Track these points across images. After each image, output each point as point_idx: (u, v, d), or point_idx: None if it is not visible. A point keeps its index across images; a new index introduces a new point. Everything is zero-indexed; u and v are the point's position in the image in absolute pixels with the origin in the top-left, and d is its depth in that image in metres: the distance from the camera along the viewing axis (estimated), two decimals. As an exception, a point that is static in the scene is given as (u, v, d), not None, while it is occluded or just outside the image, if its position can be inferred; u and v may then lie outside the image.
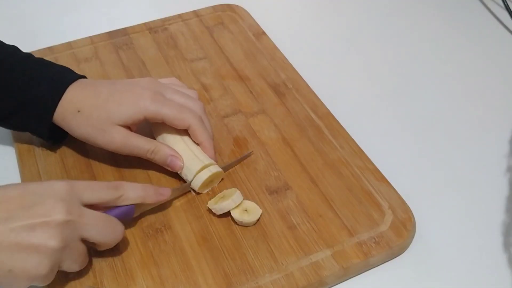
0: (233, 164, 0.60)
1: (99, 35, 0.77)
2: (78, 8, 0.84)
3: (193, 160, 0.57)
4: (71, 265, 0.48)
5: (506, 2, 0.82)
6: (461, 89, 0.73)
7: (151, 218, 0.55)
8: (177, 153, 0.57)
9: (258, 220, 0.55)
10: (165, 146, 0.57)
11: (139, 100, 0.56)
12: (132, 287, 0.50)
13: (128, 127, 0.57)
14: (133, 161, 0.60)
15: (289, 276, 0.51)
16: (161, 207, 0.56)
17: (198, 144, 0.59)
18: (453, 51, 0.79)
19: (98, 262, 0.52)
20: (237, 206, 0.54)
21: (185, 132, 0.58)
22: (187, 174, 0.57)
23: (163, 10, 0.82)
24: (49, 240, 0.44)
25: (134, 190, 0.52)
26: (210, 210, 0.55)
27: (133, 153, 0.57)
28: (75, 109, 0.56)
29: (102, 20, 0.81)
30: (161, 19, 0.80)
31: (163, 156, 0.57)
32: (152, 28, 0.78)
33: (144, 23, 0.79)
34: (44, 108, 0.57)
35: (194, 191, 0.57)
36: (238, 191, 0.55)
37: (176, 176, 0.59)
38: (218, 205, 0.54)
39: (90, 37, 0.76)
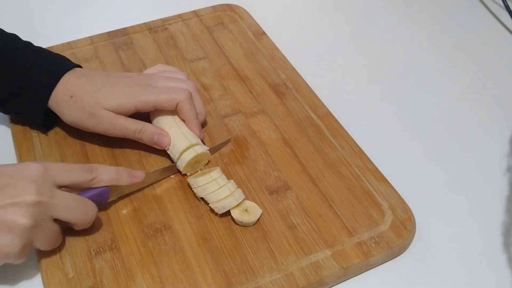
0: (217, 148, 0.62)
1: (99, 35, 0.77)
2: (78, 8, 0.84)
3: (181, 139, 0.58)
4: (43, 244, 0.50)
5: (506, 2, 0.82)
6: (461, 89, 0.73)
7: (151, 218, 0.55)
8: (164, 131, 0.59)
9: (258, 220, 0.55)
10: (152, 125, 0.59)
11: (129, 91, 0.58)
12: (132, 287, 0.50)
13: None
14: (133, 161, 0.60)
15: (289, 276, 0.51)
16: (160, 205, 0.56)
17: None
18: (453, 51, 0.79)
19: (98, 262, 0.52)
20: (237, 206, 0.54)
21: (178, 113, 0.60)
22: (173, 152, 0.58)
23: (163, 10, 0.82)
24: (20, 219, 0.46)
25: (107, 173, 0.54)
26: (211, 210, 0.55)
27: (121, 134, 0.59)
28: (69, 95, 0.58)
29: (102, 20, 0.81)
30: (161, 19, 0.80)
31: (150, 134, 0.59)
32: (152, 28, 0.78)
33: (144, 23, 0.79)
34: (40, 93, 0.59)
35: (181, 172, 0.59)
36: (218, 168, 0.57)
37: (177, 179, 0.59)
38: (220, 203, 0.54)
39: (90, 37, 0.76)
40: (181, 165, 0.58)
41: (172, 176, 0.59)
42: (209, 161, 0.60)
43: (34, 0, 0.85)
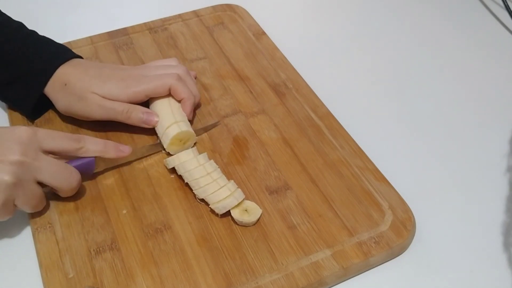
0: (205, 129, 0.64)
1: (99, 35, 0.77)
2: (78, 8, 0.84)
3: (168, 116, 0.60)
4: (25, 204, 0.52)
5: (506, 2, 0.82)
6: (461, 89, 0.73)
7: (151, 218, 0.55)
8: (151, 110, 0.61)
9: (258, 220, 0.55)
10: (139, 106, 0.61)
11: (122, 83, 0.60)
12: (132, 287, 0.50)
13: None
14: (133, 161, 0.60)
15: (289, 276, 0.51)
16: (160, 205, 0.56)
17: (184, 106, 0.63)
18: (453, 51, 0.79)
19: (98, 262, 0.52)
20: (237, 206, 0.54)
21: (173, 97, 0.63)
22: (159, 129, 0.60)
23: (163, 10, 0.82)
24: (2, 175, 0.49)
25: (94, 144, 0.56)
26: (211, 210, 0.55)
27: (109, 116, 0.60)
28: (63, 83, 0.61)
29: (102, 20, 0.81)
30: (161, 19, 0.80)
31: (138, 114, 0.61)
32: (152, 28, 0.78)
33: (144, 23, 0.79)
34: (37, 80, 0.61)
35: (167, 152, 0.60)
36: (195, 148, 0.59)
37: (177, 179, 0.59)
38: (221, 203, 0.54)
39: (90, 37, 0.76)
40: (165, 141, 0.59)
41: (172, 176, 0.59)
42: (196, 142, 0.61)
43: (34, 0, 0.85)
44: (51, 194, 0.55)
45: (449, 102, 0.71)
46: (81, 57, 0.65)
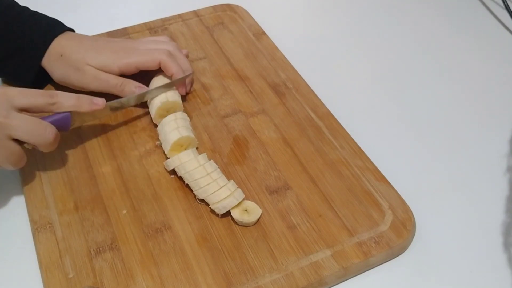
0: (180, 80, 0.65)
1: (99, 35, 0.77)
2: (78, 8, 0.84)
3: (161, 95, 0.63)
4: (3, 162, 0.53)
5: (506, 2, 0.82)
6: (461, 89, 0.73)
7: (151, 218, 0.55)
8: (144, 86, 0.64)
9: (258, 220, 0.55)
10: (132, 80, 0.64)
11: (115, 55, 0.63)
12: (132, 287, 0.50)
13: None
14: (133, 161, 0.60)
15: (289, 276, 0.51)
16: (160, 205, 0.56)
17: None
18: (453, 51, 0.79)
19: (98, 262, 0.52)
20: (237, 206, 0.54)
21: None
22: (151, 102, 0.64)
23: (163, 10, 0.82)
24: None
25: (67, 98, 0.56)
26: (211, 210, 0.55)
27: (103, 87, 0.63)
28: (59, 54, 0.63)
29: (102, 20, 0.81)
30: (161, 19, 0.80)
31: (131, 88, 0.63)
32: (152, 28, 0.78)
33: (144, 23, 0.79)
34: (34, 53, 0.63)
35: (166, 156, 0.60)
36: (211, 160, 0.58)
37: (177, 179, 0.59)
38: (221, 203, 0.54)
39: (90, 37, 0.76)
40: (166, 148, 0.59)
41: (172, 176, 0.59)
42: (197, 148, 0.61)
43: (34, 0, 0.85)
44: (37, 150, 0.56)
45: (449, 102, 0.71)
46: (73, 30, 0.67)
